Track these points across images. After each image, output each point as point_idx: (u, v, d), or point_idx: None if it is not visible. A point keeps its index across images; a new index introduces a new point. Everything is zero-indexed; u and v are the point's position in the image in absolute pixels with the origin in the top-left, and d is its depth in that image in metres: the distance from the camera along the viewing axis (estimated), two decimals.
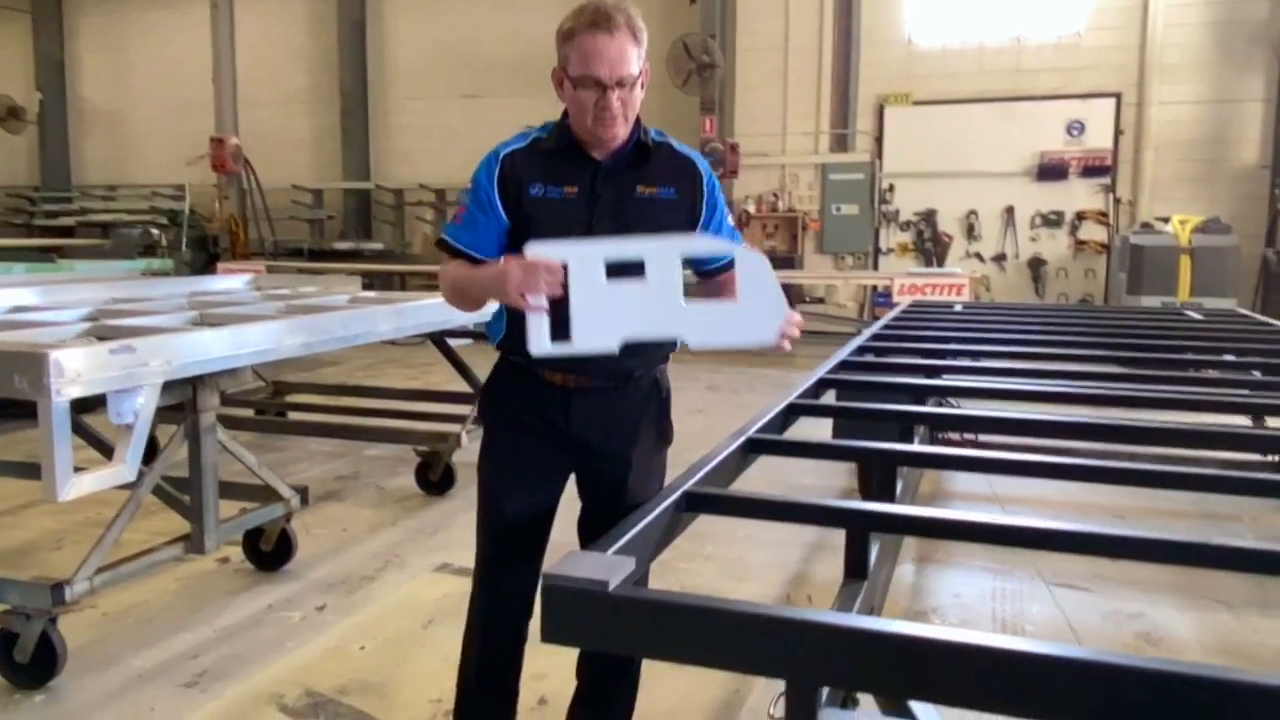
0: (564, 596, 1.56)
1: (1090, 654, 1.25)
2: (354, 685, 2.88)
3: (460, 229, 2.08)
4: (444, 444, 4.77)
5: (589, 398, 2.08)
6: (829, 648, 1.41)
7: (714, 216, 2.13)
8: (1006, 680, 1.28)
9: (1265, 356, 4.70)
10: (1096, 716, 1.23)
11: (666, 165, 2.08)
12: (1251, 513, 4.57)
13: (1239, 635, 3.26)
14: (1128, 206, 10.15)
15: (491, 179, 2.03)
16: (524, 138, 2.08)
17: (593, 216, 2.02)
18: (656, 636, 1.54)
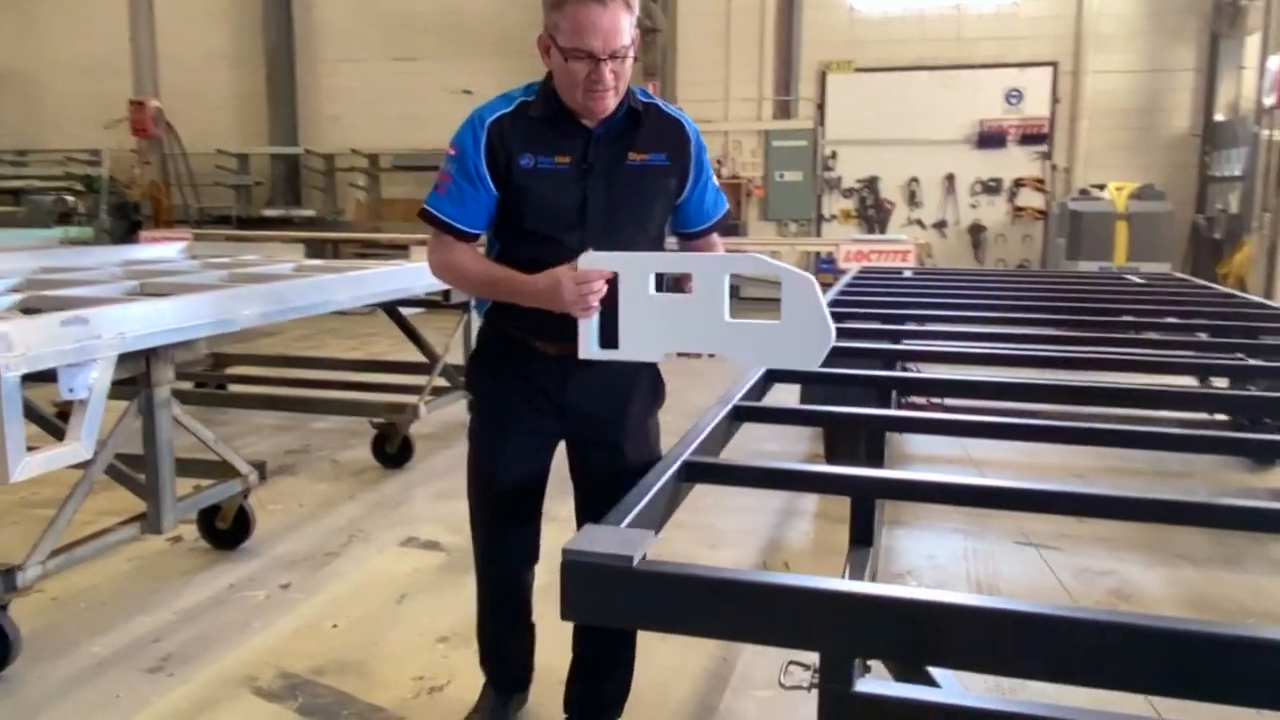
0: (586, 573, 1.49)
1: (1144, 619, 1.23)
2: (330, 665, 2.77)
3: (446, 201, 2.00)
4: (402, 415, 4.64)
5: (583, 366, 2.03)
6: (868, 618, 1.38)
7: (701, 179, 2.10)
8: (1055, 646, 1.26)
9: (1209, 319, 4.84)
10: (1159, 680, 1.22)
11: (656, 130, 2.03)
12: (1202, 470, 4.70)
13: (1205, 589, 3.34)
14: (1064, 174, 10.34)
15: (479, 148, 1.95)
16: (508, 100, 2.00)
17: (586, 187, 1.97)
18: (683, 611, 1.48)
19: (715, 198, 2.16)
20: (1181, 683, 1.22)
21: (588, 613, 1.55)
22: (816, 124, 10.90)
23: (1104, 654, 1.20)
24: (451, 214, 2.00)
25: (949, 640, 1.33)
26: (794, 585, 1.44)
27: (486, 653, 2.44)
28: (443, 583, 3.37)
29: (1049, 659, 1.24)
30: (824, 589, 1.42)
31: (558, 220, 1.97)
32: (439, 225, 2.01)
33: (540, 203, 1.96)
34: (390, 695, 2.62)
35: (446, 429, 5.37)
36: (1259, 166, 8.51)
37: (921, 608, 1.34)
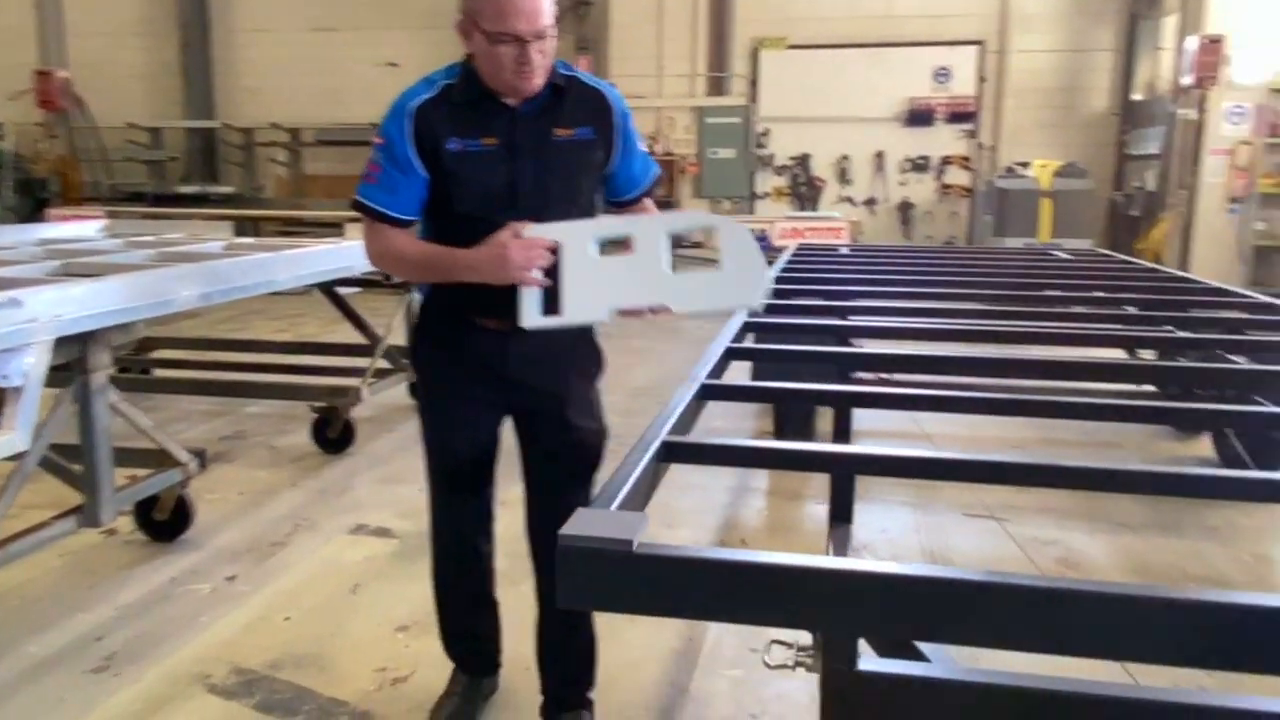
0: (584, 558, 1.45)
1: (1146, 590, 1.24)
2: (287, 659, 2.68)
3: (378, 190, 2.01)
4: (343, 399, 4.51)
5: (524, 339, 2.03)
6: (880, 596, 1.36)
7: (628, 147, 2.11)
8: (1067, 619, 1.27)
9: (1137, 293, 5.00)
10: (1166, 650, 1.24)
11: (580, 103, 2.03)
12: (1133, 440, 4.86)
13: (1146, 556, 3.45)
14: (989, 152, 10.55)
15: (404, 136, 1.96)
16: (430, 85, 2.00)
17: (515, 167, 1.98)
18: (686, 594, 1.45)
19: (644, 164, 2.18)
20: (1176, 650, 1.24)
21: (587, 599, 1.51)
22: (749, 101, 10.91)
23: (1136, 626, 1.21)
24: (384, 201, 2.01)
25: (959, 616, 1.32)
26: (801, 565, 1.41)
27: (450, 636, 2.41)
28: (397, 570, 3.29)
29: (1063, 631, 1.25)
30: (833, 569, 1.41)
31: (489, 201, 1.98)
32: (372, 214, 2.02)
33: (470, 185, 1.98)
34: (352, 688, 2.54)
35: (389, 412, 5.25)
36: (1175, 145, 8.80)
37: (932, 584, 1.33)
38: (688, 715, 2.43)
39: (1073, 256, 6.88)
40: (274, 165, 12.60)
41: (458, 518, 2.28)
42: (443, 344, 2.15)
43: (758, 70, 10.90)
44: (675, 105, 11.10)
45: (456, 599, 2.37)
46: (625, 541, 1.44)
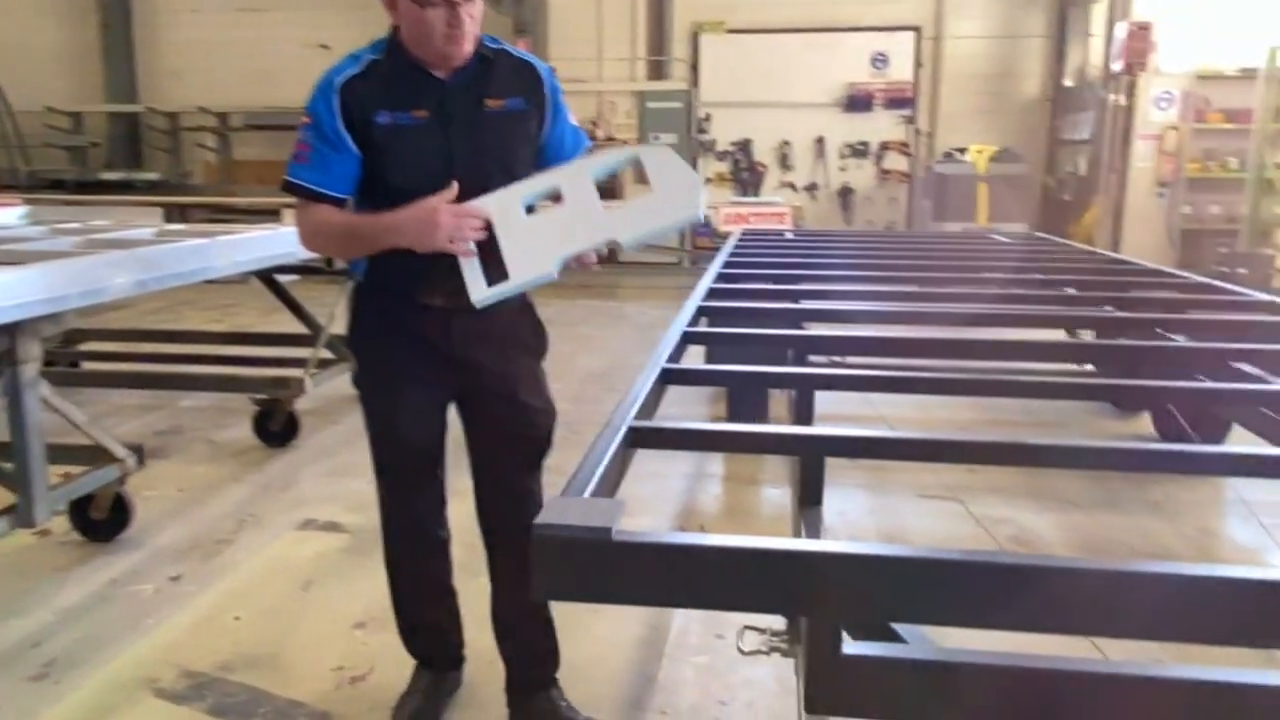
0: (562, 548, 1.40)
1: (1133, 567, 1.24)
2: (239, 660, 2.59)
3: (309, 169, 1.94)
4: (285, 390, 4.38)
5: (469, 317, 1.99)
6: (868, 579, 1.34)
7: (559, 119, 2.08)
8: (1066, 598, 1.27)
9: (1074, 275, 5.10)
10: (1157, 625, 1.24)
11: (509, 74, 2.01)
12: (1078, 418, 4.96)
13: (1094, 532, 3.52)
14: (926, 137, 10.69)
15: (333, 111, 1.90)
16: (356, 60, 1.94)
17: (449, 139, 1.94)
18: (668, 582, 1.41)
19: (575, 136, 2.14)
20: (1158, 624, 1.25)
21: (565, 590, 1.46)
22: (690, 85, 10.88)
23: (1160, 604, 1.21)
24: (316, 180, 1.94)
25: (948, 596, 1.31)
26: (786, 549, 1.37)
27: (410, 632, 2.35)
28: (350, 566, 3.20)
29: (1054, 608, 1.24)
30: (821, 551, 1.37)
31: (424, 176, 1.92)
32: (305, 194, 1.95)
33: (404, 159, 1.93)
34: (309, 688, 2.46)
35: (332, 403, 5.12)
36: (1105, 130, 9.00)
37: (921, 565, 1.31)
38: (656, 704, 2.40)
39: (1011, 240, 7.00)
40: (201, 150, 12.23)
41: (411, 508, 2.22)
42: (382, 326, 2.07)
43: (698, 54, 10.88)
44: (616, 89, 11.01)
45: (415, 593, 2.30)
46: (603, 530, 1.39)
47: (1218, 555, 3.35)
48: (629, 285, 9.38)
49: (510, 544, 2.17)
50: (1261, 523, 3.56)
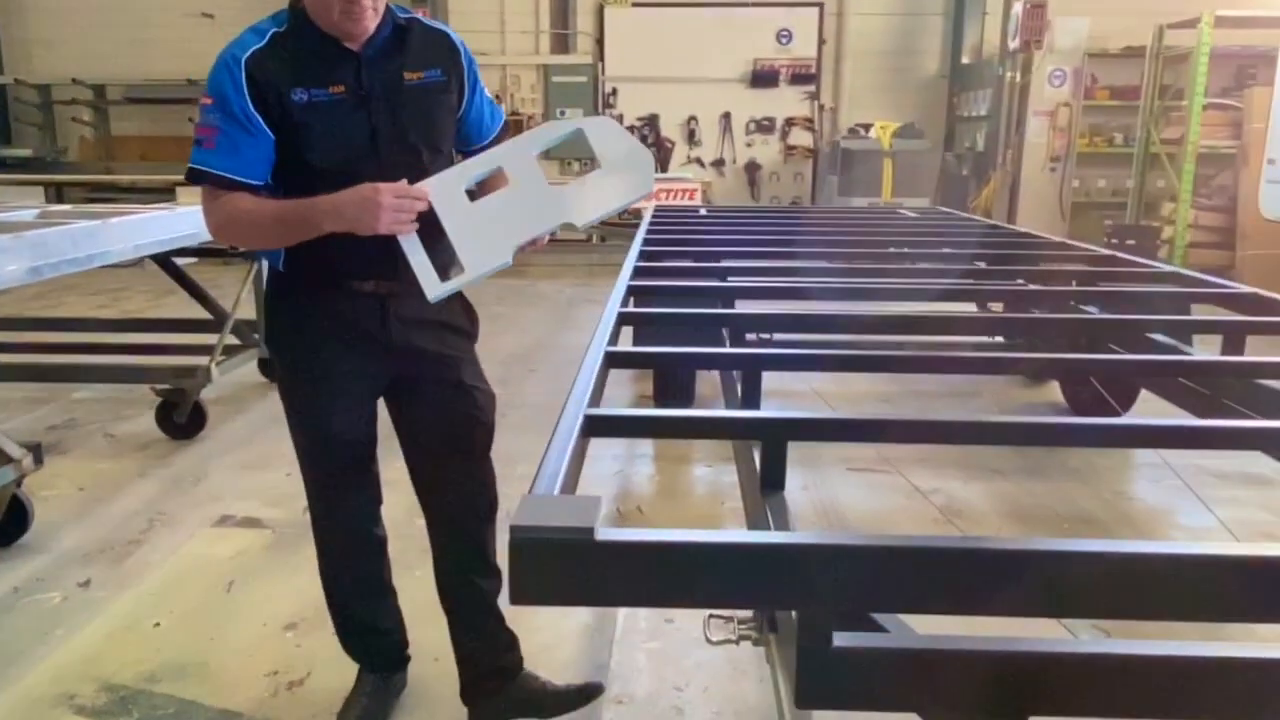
0: (543, 551, 1.34)
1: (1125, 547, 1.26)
2: (163, 670, 2.44)
3: (217, 155, 1.77)
4: (191, 380, 4.14)
5: (402, 301, 1.91)
6: (861, 570, 1.32)
7: (476, 91, 2.01)
8: (1060, 579, 1.27)
9: (984, 249, 5.23)
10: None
11: (425, 45, 1.91)
12: (991, 389, 5.10)
13: (1020, 500, 3.61)
14: (830, 113, 10.80)
15: (241, 90, 1.75)
16: (258, 35, 1.80)
17: (371, 115, 1.83)
18: (656, 582, 1.36)
19: (492, 110, 2.08)
20: (1161, 604, 1.27)
21: (547, 594, 1.39)
22: (596, 59, 10.73)
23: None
24: (227, 166, 1.78)
25: (945, 584, 1.29)
26: (776, 543, 1.35)
27: (349, 634, 2.24)
28: (274, 564, 3.05)
29: (1059, 592, 1.24)
30: (816, 544, 1.35)
31: (349, 154, 1.82)
32: (214, 181, 1.79)
33: (326, 138, 1.80)
34: (244, 696, 2.33)
35: (238, 392, 4.89)
36: (1003, 106, 9.26)
37: (917, 554, 1.29)
38: (613, 692, 2.35)
39: (919, 215, 7.16)
40: (77, 125, 11.52)
41: (346, 509, 2.10)
42: (308, 315, 1.94)
43: (603, 28, 10.73)
44: (520, 63, 10.80)
45: (353, 594, 2.19)
46: (586, 530, 1.33)
47: (1135, 518, 3.48)
48: (541, 263, 9.24)
49: (467, 535, 2.09)
50: (1187, 484, 3.72)
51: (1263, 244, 7.51)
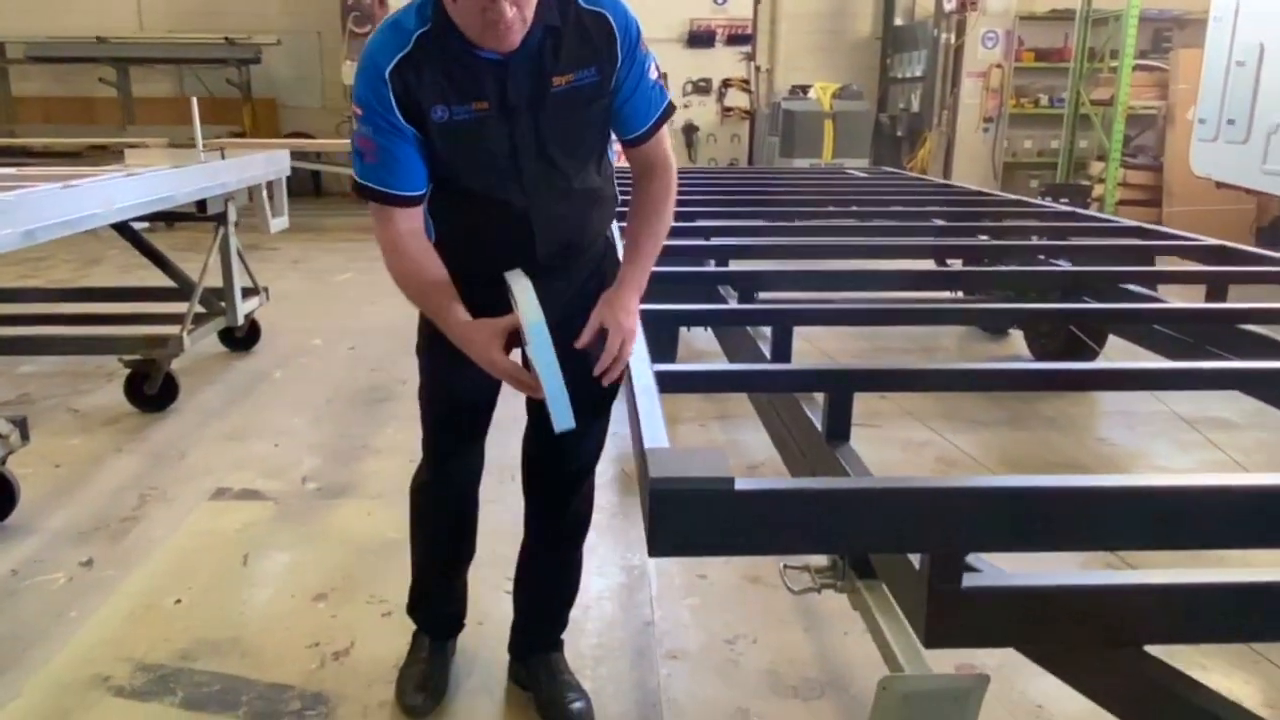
0: (685, 502, 1.35)
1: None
2: (198, 647, 2.36)
3: (377, 170, 1.68)
4: (163, 350, 3.97)
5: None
6: (985, 511, 1.36)
7: (637, 79, 1.74)
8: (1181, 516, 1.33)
9: (938, 206, 5.36)
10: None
11: (580, 39, 1.67)
12: (953, 342, 5.24)
13: (1007, 449, 3.74)
14: (766, 74, 10.85)
15: (387, 105, 1.62)
16: (401, 34, 1.62)
17: (514, 135, 1.68)
18: (792, 529, 1.38)
19: (648, 98, 1.79)
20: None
21: (688, 545, 1.40)
22: None
23: None
24: (385, 180, 1.68)
25: (1064, 524, 1.35)
26: (911, 487, 1.40)
27: (427, 601, 2.22)
28: (286, 535, 2.97)
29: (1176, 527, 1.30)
30: (946, 488, 1.39)
31: (490, 175, 1.71)
32: (377, 196, 1.70)
33: (466, 160, 1.69)
34: (291, 669, 2.27)
35: (203, 362, 4.72)
36: (938, 68, 9.43)
37: (1042, 494, 1.35)
38: (666, 646, 2.37)
39: (869, 175, 7.27)
40: None
41: (459, 471, 2.06)
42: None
43: None
44: None
45: (448, 563, 2.16)
46: (726, 480, 1.35)
47: (1117, 461, 3.64)
48: None
49: (568, 491, 2.05)
50: (1188, 426, 3.89)
51: (1188, 200, 7.86)
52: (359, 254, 8.02)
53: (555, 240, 1.78)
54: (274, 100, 11.66)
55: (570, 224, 1.80)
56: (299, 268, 7.54)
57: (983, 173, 9.61)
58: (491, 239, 1.78)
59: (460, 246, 1.79)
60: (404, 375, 4.57)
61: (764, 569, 2.67)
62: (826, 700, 2.17)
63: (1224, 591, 1.44)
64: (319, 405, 4.21)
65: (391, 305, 2.05)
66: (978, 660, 2.20)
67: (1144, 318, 3.36)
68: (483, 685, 2.22)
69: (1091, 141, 9.14)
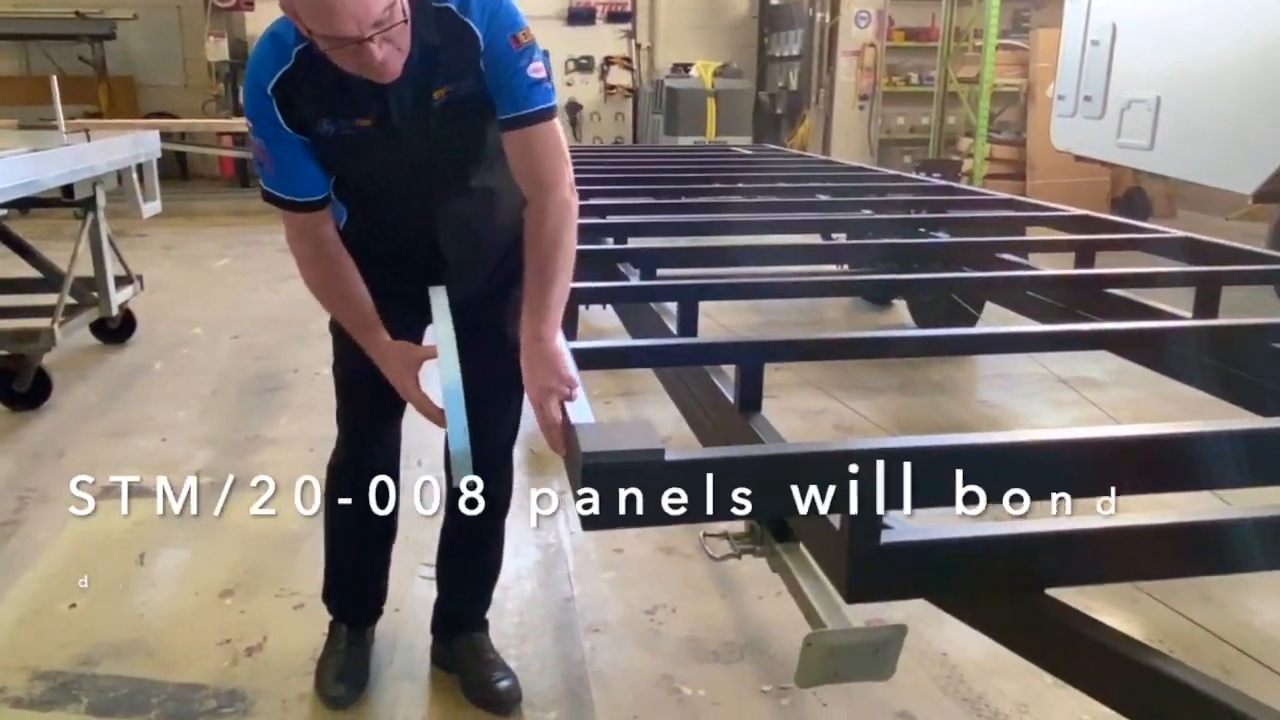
0: (618, 475, 1.38)
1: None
2: (99, 651, 2.26)
3: (277, 178, 1.68)
4: (34, 344, 3.75)
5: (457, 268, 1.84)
6: (905, 469, 1.44)
7: (500, 77, 1.63)
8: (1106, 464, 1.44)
9: (821, 181, 5.52)
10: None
11: (457, 49, 1.61)
12: (840, 314, 5.42)
13: (899, 413, 3.90)
14: (647, 52, 10.89)
15: (274, 119, 1.62)
16: (282, 49, 1.59)
17: (402, 149, 1.67)
18: (719, 496, 1.43)
19: (528, 93, 1.66)
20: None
21: (617, 518, 1.43)
22: None
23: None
24: (289, 189, 1.68)
25: (989, 477, 1.43)
26: (836, 450, 1.45)
27: (344, 589, 2.18)
28: (183, 532, 2.86)
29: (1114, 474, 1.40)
30: (865, 449, 1.45)
31: (385, 180, 1.73)
32: (282, 204, 1.70)
33: (354, 170, 1.72)
34: (202, 668, 2.21)
35: (78, 356, 4.47)
36: (814, 46, 9.65)
37: (963, 451, 1.43)
38: (588, 620, 2.40)
39: (754, 152, 7.41)
40: None
41: (377, 446, 2.02)
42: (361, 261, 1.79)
43: None
44: None
45: (367, 549, 2.12)
46: (657, 451, 1.38)
47: (1001, 421, 3.85)
48: None
49: (489, 467, 2.03)
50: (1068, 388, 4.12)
51: (1050, 174, 8.30)
52: (234, 239, 7.73)
53: (460, 237, 1.81)
54: (131, 78, 11.05)
55: (475, 221, 1.82)
56: (172, 254, 7.21)
57: (860, 149, 9.91)
58: (395, 232, 1.81)
59: (365, 235, 1.79)
60: (295, 363, 4.44)
61: (678, 540, 2.73)
62: (747, 662, 2.24)
63: (1113, 535, 1.56)
64: (205, 397, 4.06)
65: (275, 291, 1.99)
66: (885, 615, 2.30)
67: (1019, 285, 3.55)
68: (405, 671, 2.21)
69: (960, 118, 9.53)
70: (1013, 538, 1.57)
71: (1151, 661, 1.37)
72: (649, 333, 2.99)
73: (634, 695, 2.13)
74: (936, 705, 2.11)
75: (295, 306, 5.14)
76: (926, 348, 2.39)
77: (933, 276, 3.85)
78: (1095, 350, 3.40)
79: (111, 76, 10.72)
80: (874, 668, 1.60)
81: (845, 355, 2.07)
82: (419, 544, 2.32)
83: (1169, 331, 2.55)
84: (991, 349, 3.08)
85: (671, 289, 2.60)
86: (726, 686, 2.17)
